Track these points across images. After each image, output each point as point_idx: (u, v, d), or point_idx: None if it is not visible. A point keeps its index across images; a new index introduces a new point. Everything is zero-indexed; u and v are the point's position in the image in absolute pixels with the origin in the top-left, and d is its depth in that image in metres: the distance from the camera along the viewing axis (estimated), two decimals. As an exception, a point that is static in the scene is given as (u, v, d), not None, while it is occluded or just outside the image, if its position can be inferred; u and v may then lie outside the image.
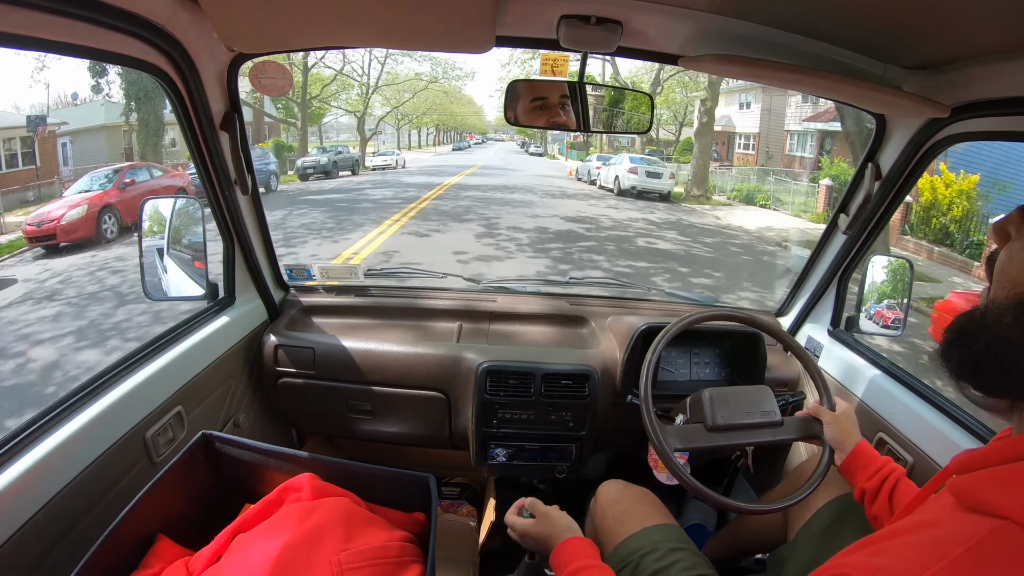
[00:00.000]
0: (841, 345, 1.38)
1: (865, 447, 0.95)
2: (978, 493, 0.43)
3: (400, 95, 28.02)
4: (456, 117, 42.99)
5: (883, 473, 0.89)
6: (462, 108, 42.74)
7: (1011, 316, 0.44)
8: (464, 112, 44.52)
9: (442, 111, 37.10)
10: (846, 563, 0.44)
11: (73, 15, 0.72)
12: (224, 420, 1.28)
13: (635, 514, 1.03)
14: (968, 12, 0.69)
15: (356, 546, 0.75)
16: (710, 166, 15.79)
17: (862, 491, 0.90)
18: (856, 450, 0.94)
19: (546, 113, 1.10)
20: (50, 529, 0.79)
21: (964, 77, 0.89)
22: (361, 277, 1.60)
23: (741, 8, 0.84)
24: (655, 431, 1.00)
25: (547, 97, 1.10)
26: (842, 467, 0.96)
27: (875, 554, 0.43)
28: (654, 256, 7.78)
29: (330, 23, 0.86)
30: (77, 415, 0.88)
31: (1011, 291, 0.45)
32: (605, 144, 25.85)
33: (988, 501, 0.41)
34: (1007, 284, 0.46)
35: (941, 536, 0.41)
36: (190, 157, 1.14)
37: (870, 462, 0.92)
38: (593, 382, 1.33)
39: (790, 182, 14.59)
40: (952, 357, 0.49)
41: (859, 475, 0.92)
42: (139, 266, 1.21)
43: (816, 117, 17.55)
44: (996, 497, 0.41)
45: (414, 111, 32.01)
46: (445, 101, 34.86)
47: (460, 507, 1.62)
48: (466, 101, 44.68)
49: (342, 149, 19.84)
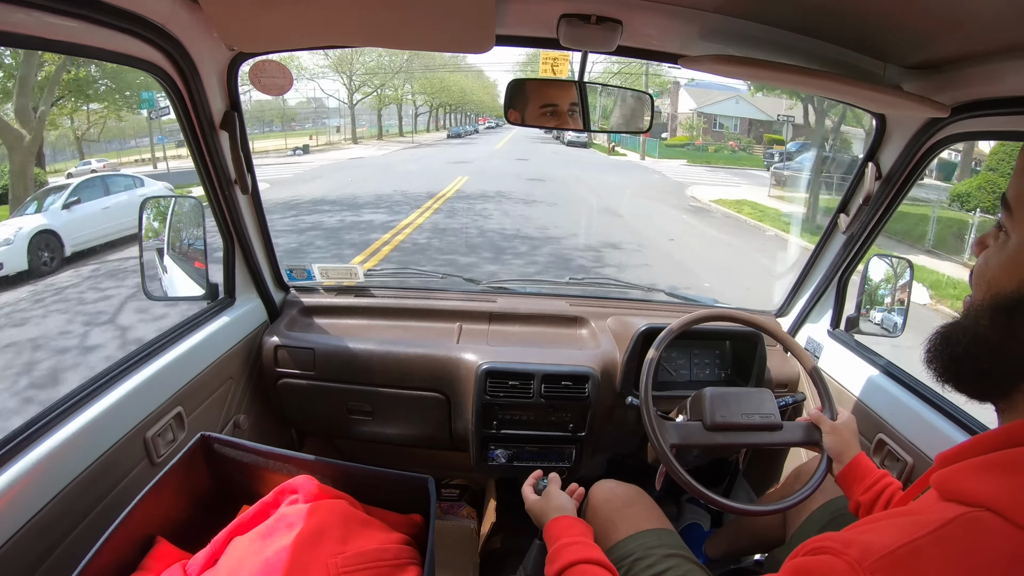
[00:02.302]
0: (841, 346, 1.38)
1: (862, 460, 0.94)
2: (953, 484, 0.45)
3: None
4: (452, 92, 32.33)
5: (879, 487, 0.88)
6: (465, 81, 32.55)
7: (987, 318, 0.46)
8: (468, 87, 34.02)
9: (431, 84, 28.27)
10: (832, 537, 0.46)
11: (73, 14, 0.72)
12: (224, 421, 1.28)
13: (628, 516, 1.02)
14: (968, 12, 0.69)
15: (352, 548, 0.75)
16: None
17: (857, 504, 0.90)
18: (853, 462, 0.94)
19: (547, 112, 1.10)
20: (50, 530, 0.79)
21: (964, 77, 0.89)
22: (361, 277, 1.60)
23: (741, 8, 0.84)
24: (655, 432, 1.00)
25: (547, 96, 1.10)
26: (839, 477, 0.96)
27: (859, 532, 0.46)
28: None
29: (330, 23, 0.86)
30: (77, 415, 0.87)
31: (987, 293, 0.47)
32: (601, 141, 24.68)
33: (962, 491, 0.43)
34: (984, 286, 0.48)
35: (916, 520, 0.43)
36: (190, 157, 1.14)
37: (866, 474, 0.91)
38: (593, 383, 1.32)
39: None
40: (935, 362, 0.51)
41: (855, 487, 0.91)
42: (139, 266, 1.20)
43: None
44: (969, 486, 0.43)
45: (372, 74, 21.50)
46: (430, 67, 25.68)
47: (460, 508, 1.62)
48: (471, 74, 34.13)
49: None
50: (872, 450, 1.16)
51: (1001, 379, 0.46)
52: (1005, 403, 0.47)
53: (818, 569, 0.44)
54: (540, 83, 1.14)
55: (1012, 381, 0.45)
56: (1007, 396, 0.46)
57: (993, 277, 0.47)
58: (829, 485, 1.02)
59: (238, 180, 1.21)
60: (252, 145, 1.31)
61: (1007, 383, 0.46)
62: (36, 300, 5.68)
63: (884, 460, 1.13)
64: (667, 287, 1.79)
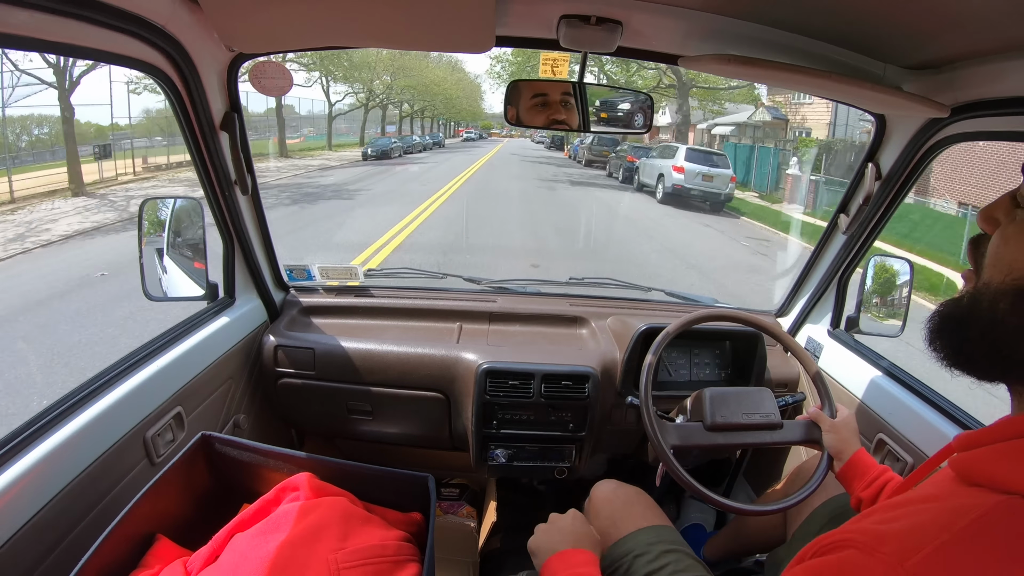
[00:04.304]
0: (841, 345, 1.38)
1: (863, 456, 0.94)
2: (981, 468, 0.43)
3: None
4: (430, 94, 26.50)
5: (880, 482, 0.88)
6: (448, 84, 26.65)
7: (1008, 302, 0.43)
8: (446, 90, 27.58)
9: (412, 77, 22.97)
10: (853, 529, 0.44)
11: (73, 15, 0.72)
12: (224, 421, 1.28)
13: (628, 515, 1.02)
14: (968, 12, 0.69)
15: (352, 545, 0.75)
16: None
17: (859, 500, 0.90)
18: (853, 459, 0.94)
19: (546, 112, 1.11)
20: (50, 529, 0.79)
21: (964, 77, 0.89)
22: (361, 277, 1.60)
23: (741, 8, 0.84)
24: (655, 432, 1.00)
25: (547, 96, 1.10)
26: (839, 474, 0.96)
27: (881, 522, 0.43)
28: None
29: (330, 23, 0.86)
30: (77, 415, 0.87)
31: (1007, 276, 0.44)
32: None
33: (991, 475, 0.42)
34: (1003, 268, 0.44)
35: (946, 508, 0.41)
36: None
37: (867, 471, 0.91)
38: (593, 383, 1.32)
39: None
40: (942, 345, 0.48)
41: (856, 484, 0.91)
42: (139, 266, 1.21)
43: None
44: (1000, 472, 0.41)
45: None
46: (405, 63, 21.80)
47: (460, 508, 1.62)
48: (452, 76, 28.67)
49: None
50: (872, 450, 1.16)
51: (1019, 363, 0.44)
52: (1022, 386, 0.45)
53: (845, 570, 0.41)
54: (540, 84, 1.14)
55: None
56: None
57: (1015, 259, 0.44)
58: (830, 484, 1.02)
59: (238, 181, 1.21)
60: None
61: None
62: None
63: (884, 460, 1.13)
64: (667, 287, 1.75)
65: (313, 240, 6.81)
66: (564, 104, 1.11)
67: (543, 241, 7.41)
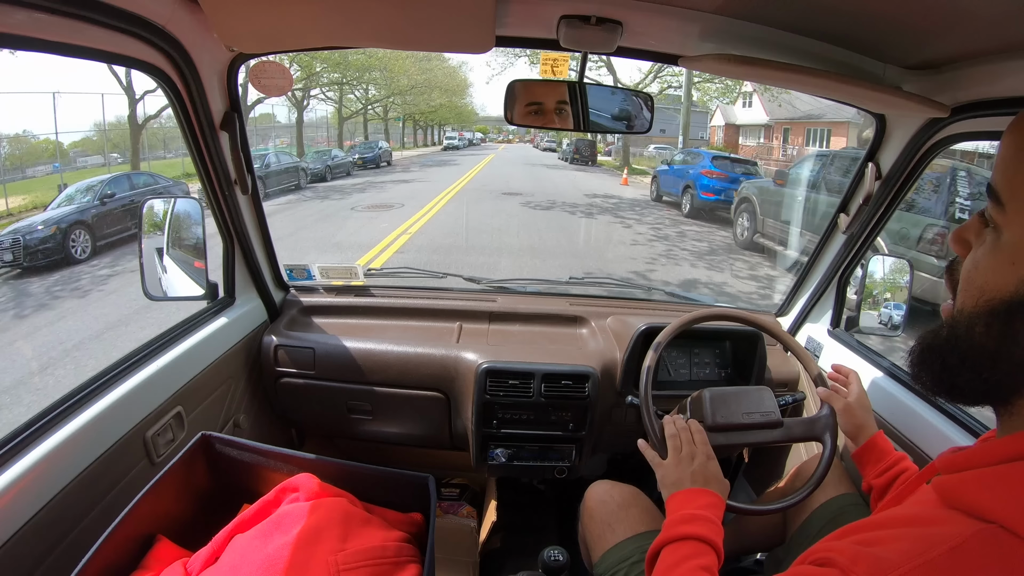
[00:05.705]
0: (841, 345, 1.38)
1: (880, 440, 0.92)
2: (962, 494, 0.43)
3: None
4: (418, 97, 24.01)
5: (895, 471, 0.87)
6: (414, 73, 22.39)
7: (983, 325, 0.43)
8: (436, 91, 24.58)
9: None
10: (832, 547, 0.44)
11: (73, 15, 0.72)
12: (224, 420, 1.28)
13: (625, 518, 1.01)
14: (968, 12, 0.69)
15: (353, 546, 0.75)
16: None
17: (870, 486, 0.88)
18: (870, 442, 0.92)
19: (546, 113, 1.10)
20: (50, 530, 0.79)
21: (964, 77, 0.89)
22: (361, 277, 1.60)
23: (741, 8, 0.84)
24: (655, 432, 1.00)
25: (547, 97, 1.10)
26: (854, 456, 0.95)
27: (862, 543, 0.44)
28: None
29: (330, 23, 0.86)
30: (77, 415, 0.87)
31: (980, 298, 0.44)
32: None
33: (972, 502, 0.42)
34: (975, 292, 0.44)
35: (927, 533, 0.41)
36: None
37: (883, 456, 0.90)
38: (593, 382, 1.32)
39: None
40: (925, 376, 0.48)
41: (870, 469, 0.90)
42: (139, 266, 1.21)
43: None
44: (981, 500, 0.41)
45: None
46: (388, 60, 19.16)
47: (460, 508, 1.62)
48: (444, 72, 25.47)
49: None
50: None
51: (1003, 386, 0.44)
52: (1006, 408, 0.45)
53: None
54: (540, 84, 1.13)
55: (1014, 387, 0.43)
56: (1008, 402, 0.44)
57: (986, 281, 0.44)
58: (830, 483, 1.02)
59: (238, 180, 1.21)
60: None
61: (1009, 390, 0.43)
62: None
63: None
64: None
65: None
66: (564, 104, 1.11)
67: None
